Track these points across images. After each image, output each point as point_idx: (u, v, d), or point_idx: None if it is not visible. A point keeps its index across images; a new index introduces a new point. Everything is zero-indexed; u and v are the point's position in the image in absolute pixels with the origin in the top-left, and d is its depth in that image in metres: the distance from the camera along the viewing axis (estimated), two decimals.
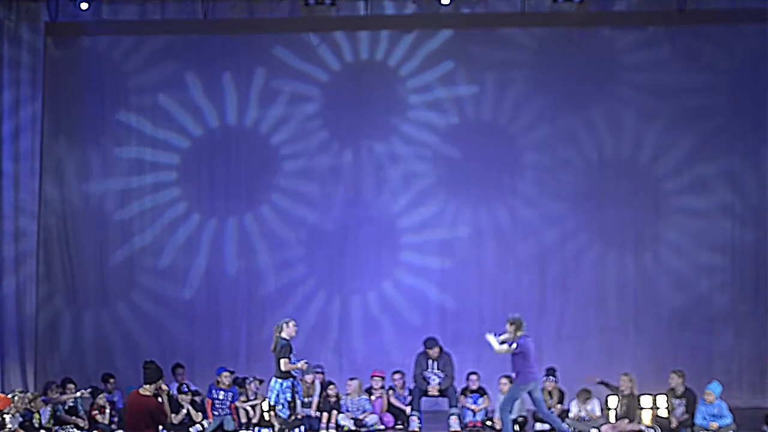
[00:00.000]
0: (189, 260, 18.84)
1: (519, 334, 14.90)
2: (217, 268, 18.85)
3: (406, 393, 17.02)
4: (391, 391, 17.14)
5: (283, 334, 14.62)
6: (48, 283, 18.71)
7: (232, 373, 17.05)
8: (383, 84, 18.76)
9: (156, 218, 18.87)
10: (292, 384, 14.60)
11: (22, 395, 15.69)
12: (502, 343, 14.93)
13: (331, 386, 16.88)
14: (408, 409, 16.73)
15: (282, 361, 14.47)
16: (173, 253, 18.86)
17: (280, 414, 14.66)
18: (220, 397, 16.85)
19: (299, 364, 14.58)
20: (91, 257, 18.82)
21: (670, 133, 18.54)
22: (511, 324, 14.97)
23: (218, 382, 16.92)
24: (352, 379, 17.07)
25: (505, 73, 18.65)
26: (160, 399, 12.39)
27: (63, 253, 18.76)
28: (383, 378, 17.13)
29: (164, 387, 12.56)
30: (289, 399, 14.56)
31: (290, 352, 14.60)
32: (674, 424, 16.10)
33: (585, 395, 16.51)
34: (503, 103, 18.70)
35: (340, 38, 18.77)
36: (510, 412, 15.13)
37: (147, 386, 12.37)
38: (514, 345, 14.82)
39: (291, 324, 14.70)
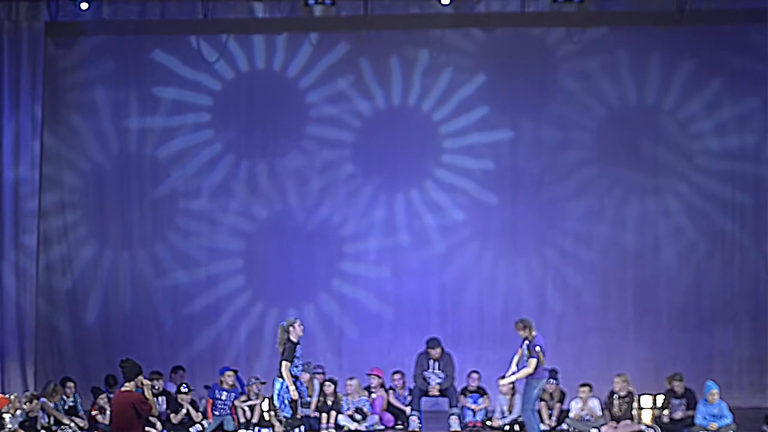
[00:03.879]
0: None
1: (534, 333, 14.72)
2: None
3: (406, 393, 17.02)
4: (391, 391, 17.14)
5: (292, 337, 14.63)
6: (48, 277, 18.75)
7: (235, 372, 17.04)
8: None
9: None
10: (294, 384, 14.60)
11: (21, 400, 15.77)
12: (526, 361, 14.71)
13: (328, 383, 16.85)
14: (408, 409, 16.74)
15: (284, 364, 14.47)
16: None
17: (284, 414, 14.66)
18: (223, 397, 16.84)
19: (291, 390, 14.53)
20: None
21: (666, 140, 18.64)
22: (525, 327, 14.73)
23: (221, 382, 16.91)
24: (351, 378, 17.06)
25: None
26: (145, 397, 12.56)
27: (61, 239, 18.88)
28: (380, 377, 17.13)
29: (146, 381, 12.68)
30: (291, 398, 14.56)
31: (294, 354, 14.57)
32: (667, 420, 16.10)
33: (587, 391, 16.46)
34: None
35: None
36: (532, 411, 15.00)
37: (127, 384, 12.55)
38: (538, 348, 14.61)
39: (297, 324, 14.69)
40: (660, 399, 16.66)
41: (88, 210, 18.95)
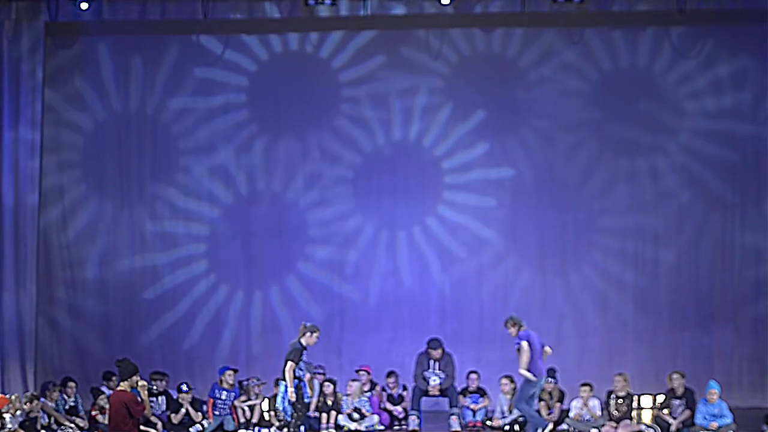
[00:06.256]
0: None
1: (522, 328, 15.00)
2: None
3: (400, 390, 17.04)
4: (383, 392, 17.15)
5: (302, 340, 14.63)
6: (47, 279, 18.74)
7: (235, 371, 17.05)
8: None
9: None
10: (297, 386, 14.61)
11: (22, 400, 15.78)
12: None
13: (327, 383, 16.86)
14: (395, 409, 16.80)
15: (289, 363, 14.48)
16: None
17: (286, 417, 14.69)
18: (223, 396, 16.85)
19: (290, 391, 14.55)
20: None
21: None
22: (513, 324, 15.03)
23: (221, 381, 16.92)
24: (353, 380, 17.07)
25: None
26: (140, 397, 12.66)
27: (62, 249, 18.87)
28: (368, 373, 17.14)
29: (141, 382, 12.78)
30: (289, 400, 14.58)
31: (300, 357, 14.58)
32: (674, 427, 16.08)
33: (587, 390, 16.46)
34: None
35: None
36: (530, 406, 15.17)
37: (123, 383, 12.72)
38: (524, 343, 14.85)
39: (315, 335, 14.69)
40: (660, 399, 16.64)
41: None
